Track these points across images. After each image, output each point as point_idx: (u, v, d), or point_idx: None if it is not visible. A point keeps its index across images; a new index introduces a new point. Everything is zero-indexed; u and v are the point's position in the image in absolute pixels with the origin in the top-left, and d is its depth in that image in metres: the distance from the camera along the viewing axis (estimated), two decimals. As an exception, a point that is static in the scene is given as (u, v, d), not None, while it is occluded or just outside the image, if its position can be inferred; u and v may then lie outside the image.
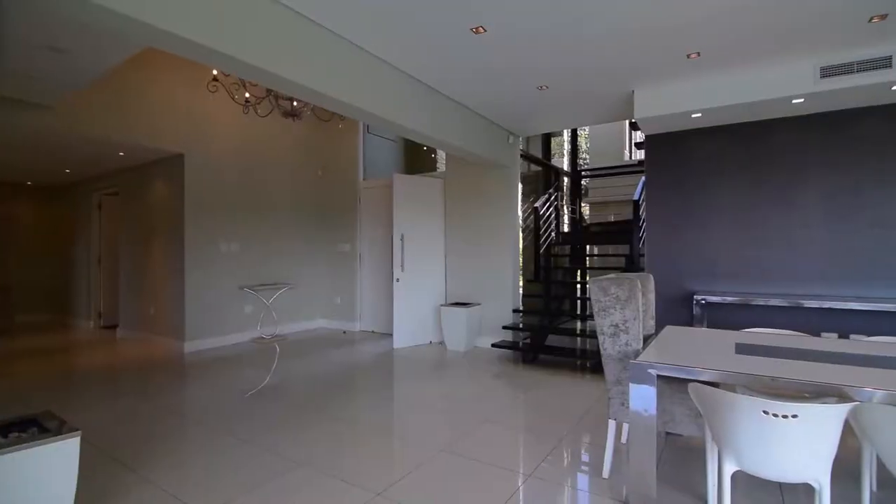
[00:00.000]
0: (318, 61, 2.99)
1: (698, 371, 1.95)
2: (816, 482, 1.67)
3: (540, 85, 4.07)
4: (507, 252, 5.72)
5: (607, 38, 3.20)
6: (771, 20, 2.96)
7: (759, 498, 2.28)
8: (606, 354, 2.46)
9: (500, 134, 5.43)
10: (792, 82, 3.63)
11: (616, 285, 2.39)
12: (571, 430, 3.17)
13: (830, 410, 1.59)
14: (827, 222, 4.08)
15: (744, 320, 4.20)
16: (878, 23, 2.98)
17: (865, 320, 3.90)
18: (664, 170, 4.76)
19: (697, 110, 4.04)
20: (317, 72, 2.98)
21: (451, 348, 5.66)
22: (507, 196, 5.75)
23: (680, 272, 4.67)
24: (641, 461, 2.09)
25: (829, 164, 4.07)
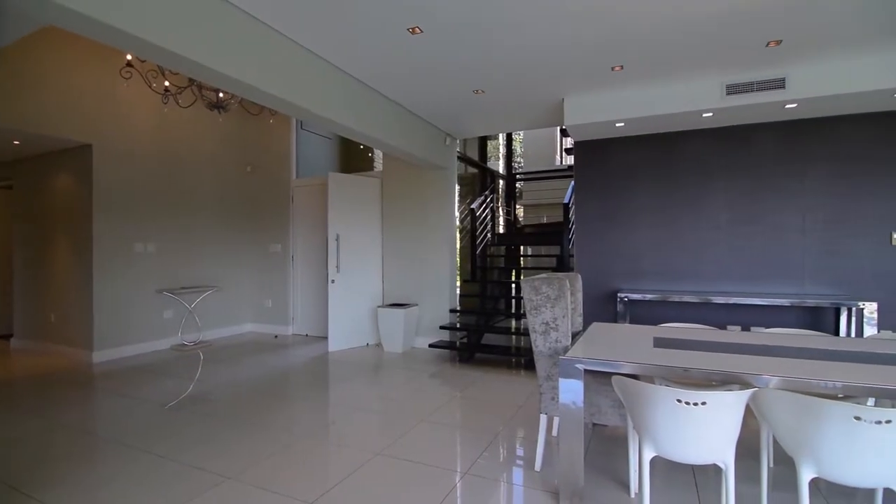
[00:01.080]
0: (247, 52, 2.84)
1: (621, 364, 2.07)
2: (723, 462, 1.83)
3: (476, 89, 4.14)
4: (444, 252, 5.77)
5: (539, 48, 3.32)
6: (684, 40, 3.22)
7: (674, 480, 2.46)
8: (538, 351, 2.55)
9: (438, 135, 5.47)
10: (702, 98, 3.97)
11: (547, 285, 2.48)
12: (506, 425, 3.25)
13: (734, 397, 1.75)
14: (731, 226, 4.50)
15: (662, 316, 4.53)
16: (774, 47, 3.33)
17: (764, 314, 4.35)
18: (591, 175, 5.03)
19: (621, 120, 4.31)
20: (245, 63, 2.83)
21: (389, 350, 5.61)
22: (444, 197, 5.79)
23: (605, 272, 4.95)
24: (570, 452, 2.18)
25: (732, 173, 4.49)
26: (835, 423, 1.60)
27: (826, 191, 4.20)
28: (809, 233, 4.25)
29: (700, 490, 2.36)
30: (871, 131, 4.06)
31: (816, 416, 1.64)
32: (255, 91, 2.99)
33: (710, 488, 2.37)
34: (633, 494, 2.31)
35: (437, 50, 3.35)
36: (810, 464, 1.69)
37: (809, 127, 4.24)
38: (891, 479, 1.60)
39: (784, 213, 4.33)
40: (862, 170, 4.10)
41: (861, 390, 1.77)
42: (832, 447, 1.62)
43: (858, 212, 4.11)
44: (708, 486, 2.40)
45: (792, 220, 4.30)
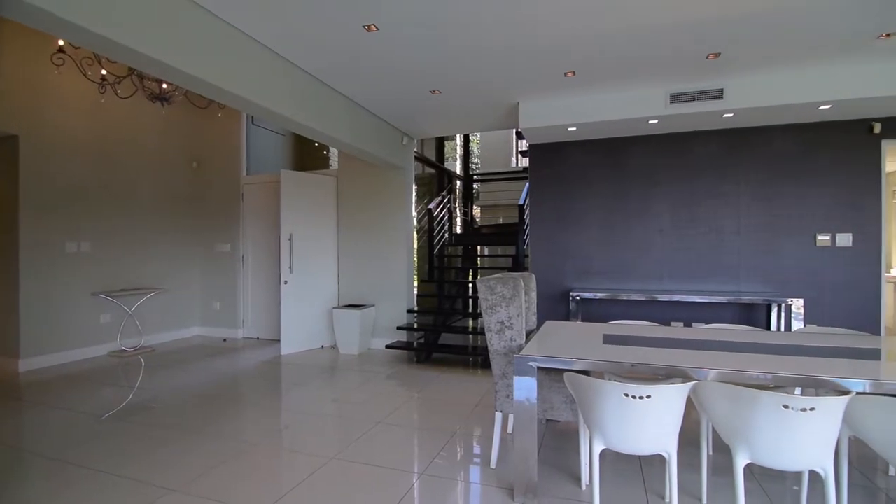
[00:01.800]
0: (191, 41, 2.71)
1: (572, 361, 2.14)
2: (666, 452, 1.92)
3: (433, 89, 4.14)
4: (401, 252, 5.74)
5: (495, 52, 3.37)
6: (632, 51, 3.36)
7: (622, 471, 2.56)
8: (493, 350, 2.59)
9: (395, 135, 5.43)
10: (648, 105, 4.16)
11: (502, 284, 2.52)
12: (463, 424, 3.28)
13: (676, 390, 1.84)
14: (675, 228, 4.74)
15: (611, 313, 4.72)
16: (713, 60, 3.54)
17: (704, 310, 4.62)
18: (545, 177, 5.16)
19: (573, 124, 4.44)
20: (189, 53, 2.69)
21: (344, 352, 5.52)
22: (401, 197, 5.76)
23: (559, 271, 5.09)
24: (524, 448, 2.23)
25: (675, 178, 4.74)
26: (765, 412, 1.72)
27: (759, 196, 4.51)
28: (744, 235, 4.55)
29: (646, 479, 2.47)
30: (799, 141, 4.40)
31: (749, 405, 1.76)
32: (199, 82, 2.85)
33: (655, 477, 2.49)
34: (585, 486, 2.39)
35: (394, 48, 3.33)
36: (744, 450, 1.81)
37: (744, 136, 4.54)
38: (815, 462, 1.74)
39: (722, 217, 4.61)
40: (790, 176, 4.43)
41: (789, 380, 1.91)
42: (763, 434, 1.75)
43: (787, 215, 4.44)
44: (653, 475, 2.52)
45: (729, 222, 4.59)
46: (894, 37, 3.13)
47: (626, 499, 2.28)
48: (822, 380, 1.84)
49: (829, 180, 4.33)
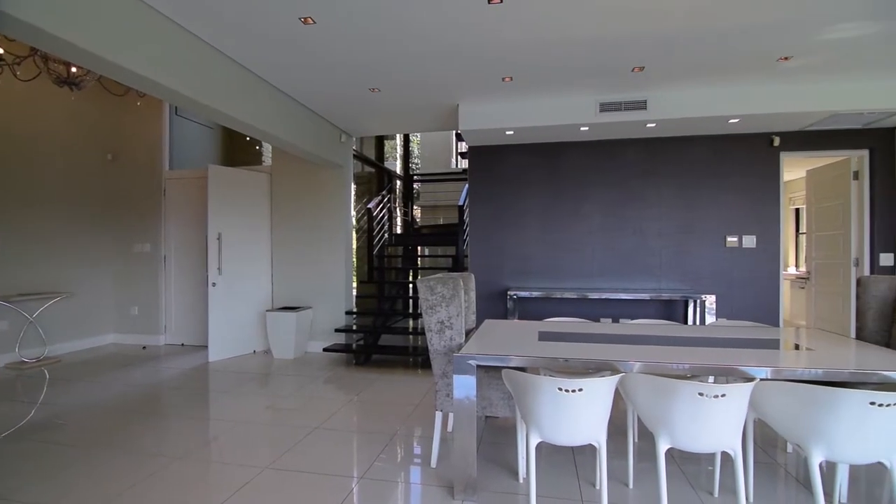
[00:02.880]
0: (103, 21, 2.48)
1: (510, 358, 2.19)
2: (597, 441, 2.03)
3: (372, 87, 4.09)
4: (339, 253, 5.61)
5: (435, 54, 3.39)
6: (564, 60, 3.51)
7: (557, 462, 2.67)
8: (433, 350, 2.60)
9: (333, 132, 5.30)
10: (580, 113, 4.37)
11: (442, 284, 2.54)
12: (404, 425, 3.26)
13: (605, 382, 1.95)
14: (604, 230, 5.02)
15: (546, 311, 4.90)
16: (638, 73, 3.78)
17: (630, 307, 4.93)
18: (484, 179, 5.26)
19: (511, 128, 4.57)
20: (101, 33, 2.46)
21: (279, 356, 5.30)
22: (339, 195, 5.63)
23: (497, 271, 5.22)
24: (464, 445, 2.26)
25: (604, 183, 5.01)
26: (683, 400, 1.86)
27: (677, 200, 4.88)
28: (665, 236, 4.90)
29: (579, 468, 2.59)
30: (712, 150, 4.81)
31: (669, 394, 1.89)
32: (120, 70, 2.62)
33: (587, 466, 2.62)
34: (522, 479, 2.46)
35: (331, 43, 3.25)
36: (666, 436, 1.95)
37: (665, 144, 4.89)
38: (727, 443, 1.90)
39: (645, 219, 4.94)
40: (704, 183, 4.83)
41: (703, 370, 2.08)
42: (682, 420, 1.89)
43: (701, 219, 4.84)
44: (585, 464, 2.65)
45: (651, 225, 4.92)
46: (791, 60, 3.51)
47: (561, 488, 2.38)
48: (732, 368, 2.03)
49: (736, 187, 4.77)
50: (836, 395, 1.77)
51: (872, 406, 1.73)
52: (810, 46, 3.29)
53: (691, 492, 2.35)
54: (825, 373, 1.97)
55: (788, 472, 2.58)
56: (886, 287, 2.61)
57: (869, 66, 3.62)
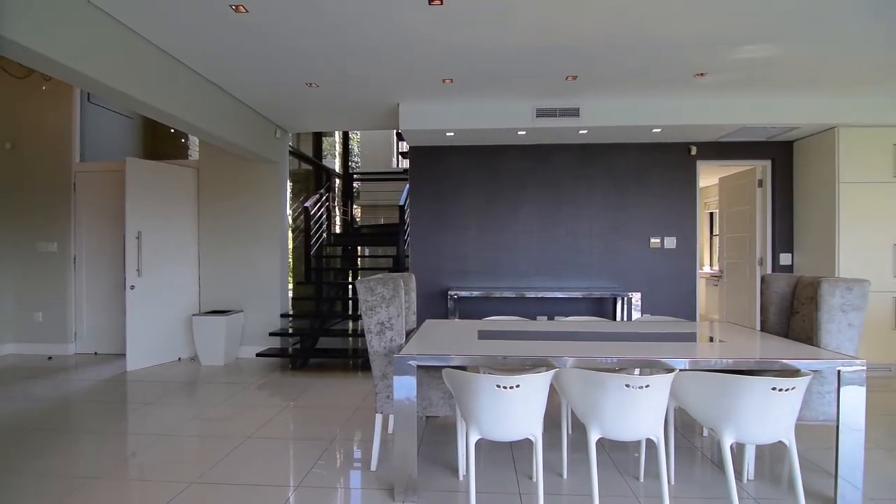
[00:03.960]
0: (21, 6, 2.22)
1: (450, 358, 2.21)
2: (533, 436, 2.09)
3: (309, 82, 3.96)
4: (274, 253, 5.38)
5: (374, 52, 3.34)
6: (503, 66, 3.59)
7: (496, 458, 2.73)
8: (373, 351, 2.56)
9: (267, 127, 5.08)
10: (517, 117, 4.49)
11: (382, 285, 2.51)
12: (343, 430, 3.19)
13: (541, 378, 2.02)
14: (540, 230, 5.20)
15: (486, 310, 5.00)
16: (572, 81, 3.96)
17: (564, 304, 5.14)
18: (425, 179, 5.27)
19: (451, 129, 4.61)
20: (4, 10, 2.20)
21: (208, 363, 5.00)
22: (274, 193, 5.41)
23: (438, 271, 5.24)
24: (404, 447, 2.25)
25: (540, 186, 5.20)
26: (612, 391, 1.97)
27: (606, 203, 5.16)
28: (595, 237, 5.16)
29: (516, 462, 2.67)
30: (637, 157, 5.13)
31: (599, 386, 2.00)
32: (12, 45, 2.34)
33: (524, 460, 2.70)
34: (462, 477, 2.49)
35: (265, 35, 3.11)
36: (596, 426, 2.05)
37: (596, 150, 5.15)
38: (651, 431, 2.04)
39: (578, 221, 5.17)
40: (630, 188, 5.14)
41: (629, 363, 2.22)
42: (611, 411, 2.00)
43: (628, 221, 5.15)
44: (522, 458, 2.73)
45: (583, 226, 5.17)
46: (707, 76, 3.83)
47: (500, 483, 2.43)
48: (654, 361, 2.17)
49: (659, 192, 5.13)
50: (744, 383, 1.95)
51: (774, 391, 1.92)
52: (722, 64, 3.60)
53: (619, 478, 2.49)
54: (735, 362, 2.17)
55: (704, 455, 2.81)
56: (785, 284, 2.91)
57: (773, 84, 4.03)
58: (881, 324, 4.44)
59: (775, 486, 2.42)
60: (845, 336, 2.47)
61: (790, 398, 1.96)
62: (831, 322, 2.48)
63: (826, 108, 4.36)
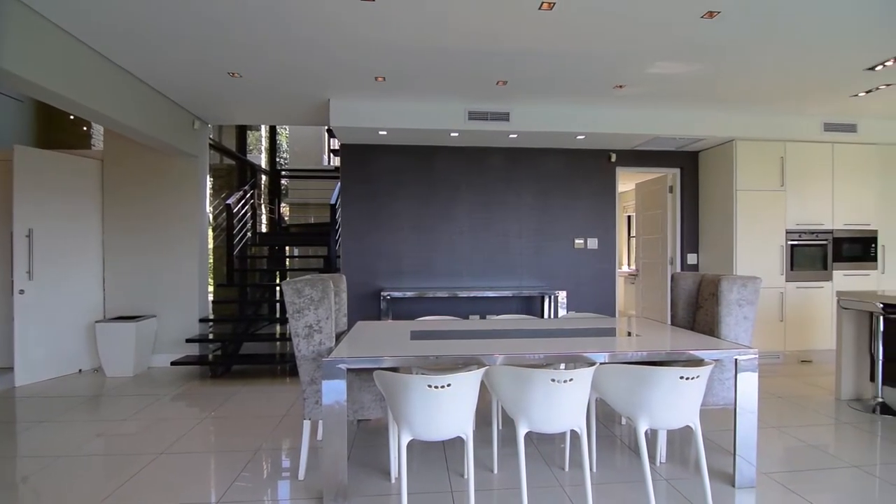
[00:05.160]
0: None
1: (382, 359, 2.18)
2: (465, 433, 2.12)
3: (231, 72, 3.74)
4: (192, 253, 5.02)
5: (303, 44, 3.22)
6: (435, 67, 3.61)
7: (428, 458, 2.73)
8: (301, 356, 2.47)
9: (184, 117, 4.72)
10: (450, 119, 4.54)
11: (310, 286, 2.43)
12: (269, 439, 3.04)
13: (472, 376, 2.05)
14: (472, 231, 5.29)
15: (420, 310, 5.00)
16: (502, 87, 4.06)
17: (495, 303, 5.27)
18: (357, 178, 5.17)
19: (384, 128, 4.56)
20: None
21: (114, 374, 4.55)
22: (192, 189, 5.04)
23: (371, 271, 5.16)
24: (334, 452, 2.18)
25: (473, 188, 5.29)
26: (538, 386, 2.04)
27: (535, 205, 5.36)
28: (524, 238, 5.35)
29: (448, 461, 2.69)
30: (563, 162, 5.38)
31: (526, 382, 2.06)
32: None
33: (456, 458, 2.73)
34: (395, 479, 2.47)
35: (180, 17, 2.88)
36: (524, 421, 2.12)
37: (525, 154, 5.34)
38: (575, 422, 2.13)
39: (508, 222, 5.33)
40: (556, 191, 5.38)
41: (555, 358, 2.31)
42: (538, 405, 2.07)
43: (554, 223, 5.38)
44: (454, 456, 2.75)
45: (513, 227, 5.33)
46: (625, 88, 4.09)
47: (432, 483, 2.44)
48: (578, 355, 2.29)
49: (582, 196, 5.41)
50: (655, 373, 2.10)
51: (682, 380, 2.09)
52: (638, 78, 3.87)
53: (546, 469, 2.59)
54: (648, 354, 2.33)
55: (623, 442, 3.00)
56: (692, 282, 3.18)
57: (682, 99, 4.40)
58: (770, 316, 5.00)
59: (684, 466, 2.64)
60: (741, 328, 2.75)
61: (695, 386, 2.14)
62: (729, 315, 2.75)
63: (726, 122, 4.84)
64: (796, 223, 5.06)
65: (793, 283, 5.04)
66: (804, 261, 5.07)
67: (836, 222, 5.11)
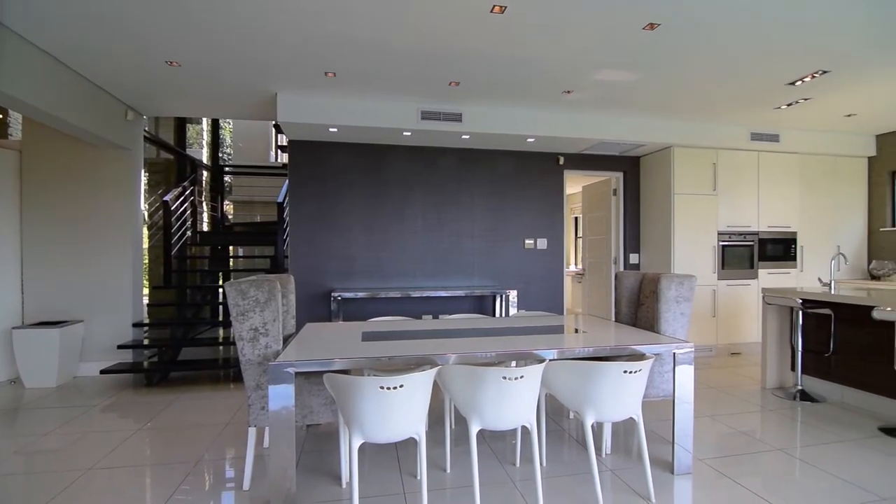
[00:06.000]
0: None
1: (332, 362, 2.13)
2: (417, 434, 2.10)
3: (170, 60, 3.52)
4: (124, 253, 4.69)
5: (247, 34, 3.09)
6: (387, 65, 3.57)
7: (379, 461, 2.69)
8: (246, 360, 2.36)
9: (115, 106, 4.39)
10: (403, 118, 4.51)
11: (255, 288, 2.33)
12: (211, 449, 2.88)
13: (425, 376, 2.03)
14: (426, 231, 5.28)
15: (371, 311, 4.93)
16: (455, 87, 4.08)
17: (448, 303, 5.28)
18: (307, 175, 5.02)
19: (334, 125, 4.46)
20: None
21: (35, 385, 4.16)
22: (125, 184, 4.71)
23: (321, 272, 5.03)
24: (282, 459, 2.10)
25: (426, 187, 5.28)
26: (490, 384, 2.07)
27: (487, 206, 5.43)
28: (477, 238, 5.40)
29: (401, 462, 2.66)
30: (514, 164, 5.49)
31: (478, 380, 2.08)
32: None
33: (409, 459, 2.71)
34: (345, 484, 2.41)
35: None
36: (476, 419, 2.14)
37: (477, 155, 5.39)
38: (525, 418, 2.17)
39: (461, 222, 5.36)
40: (507, 192, 5.48)
41: (506, 356, 2.35)
42: (490, 403, 2.09)
43: (506, 223, 5.48)
44: (407, 457, 2.73)
45: (465, 227, 5.37)
46: (573, 94, 4.23)
47: (384, 485, 2.40)
48: (528, 353, 2.33)
49: (532, 197, 5.54)
50: (601, 368, 2.18)
51: (626, 374, 2.18)
52: (585, 84, 4.01)
53: (498, 466, 2.63)
54: (594, 350, 2.42)
55: (571, 436, 3.09)
56: (634, 280, 3.34)
57: (625, 106, 4.60)
58: (704, 312, 5.34)
59: (627, 456, 2.76)
60: (679, 323, 2.91)
61: (638, 379, 2.24)
62: (668, 312, 2.90)
63: (665, 129, 5.12)
64: (727, 225, 5.42)
65: (724, 280, 5.41)
66: (733, 260, 5.45)
67: (761, 225, 5.53)
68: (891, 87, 4.10)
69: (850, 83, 4.00)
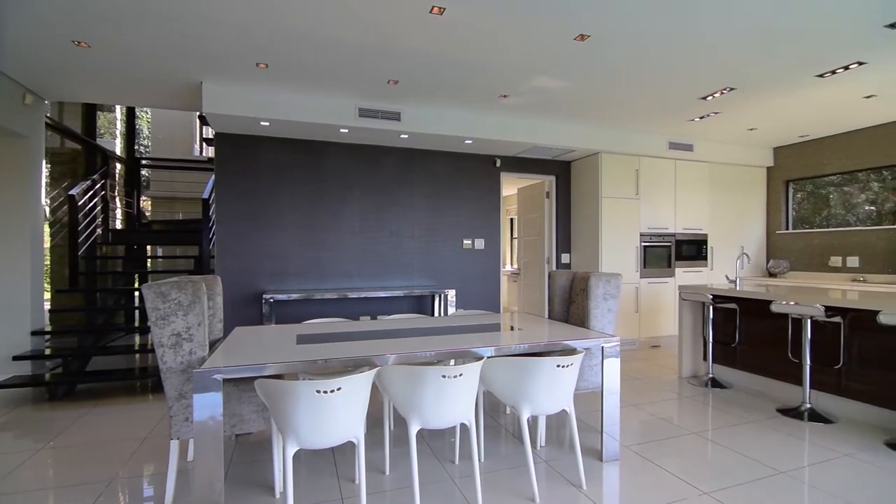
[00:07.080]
0: None
1: (264, 367, 2.03)
2: (356, 437, 2.06)
3: (77, 40, 3.19)
4: (21, 253, 4.18)
5: (167, 15, 2.87)
6: (322, 58, 3.47)
7: (316, 467, 2.61)
8: (167, 368, 2.19)
9: (11, 88, 3.92)
10: (339, 114, 4.40)
11: (178, 290, 2.17)
12: (127, 466, 2.64)
13: (363, 378, 2.00)
14: (364, 231, 5.19)
15: (307, 313, 4.77)
16: (393, 86, 4.04)
17: (387, 303, 5.23)
18: (236, 171, 4.76)
19: (266, 119, 4.26)
20: None
21: None
22: (21, 175, 4.21)
23: (251, 273, 4.79)
24: (208, 472, 1.97)
25: (365, 187, 5.19)
26: (430, 383, 2.07)
27: (427, 206, 5.44)
28: (416, 238, 5.39)
29: (338, 467, 2.59)
30: (453, 165, 5.54)
31: (418, 380, 2.08)
32: None
33: (347, 463, 2.64)
34: (279, 494, 2.31)
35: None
36: (416, 419, 2.13)
37: (417, 155, 5.39)
38: (464, 416, 2.20)
39: (400, 223, 5.33)
40: (446, 192, 5.52)
41: (445, 355, 2.36)
42: (429, 402, 2.09)
43: (444, 223, 5.52)
44: (345, 462, 2.67)
45: (405, 227, 5.35)
46: (509, 98, 4.34)
47: (320, 492, 2.33)
48: (466, 351, 2.36)
49: (470, 198, 5.63)
50: (536, 363, 2.26)
51: (558, 368, 2.28)
52: (520, 90, 4.13)
53: (438, 464, 2.64)
54: (529, 346, 2.50)
55: (507, 430, 3.17)
56: (566, 279, 3.49)
57: (558, 112, 4.80)
58: (628, 308, 5.69)
59: (560, 447, 2.88)
60: (607, 319, 3.08)
61: (570, 373, 2.35)
62: (597, 308, 3.06)
63: (594, 136, 5.40)
64: (648, 227, 5.83)
65: (646, 278, 5.80)
66: (654, 259, 5.87)
67: (677, 227, 6.00)
68: (785, 105, 4.61)
69: (753, 100, 4.45)
